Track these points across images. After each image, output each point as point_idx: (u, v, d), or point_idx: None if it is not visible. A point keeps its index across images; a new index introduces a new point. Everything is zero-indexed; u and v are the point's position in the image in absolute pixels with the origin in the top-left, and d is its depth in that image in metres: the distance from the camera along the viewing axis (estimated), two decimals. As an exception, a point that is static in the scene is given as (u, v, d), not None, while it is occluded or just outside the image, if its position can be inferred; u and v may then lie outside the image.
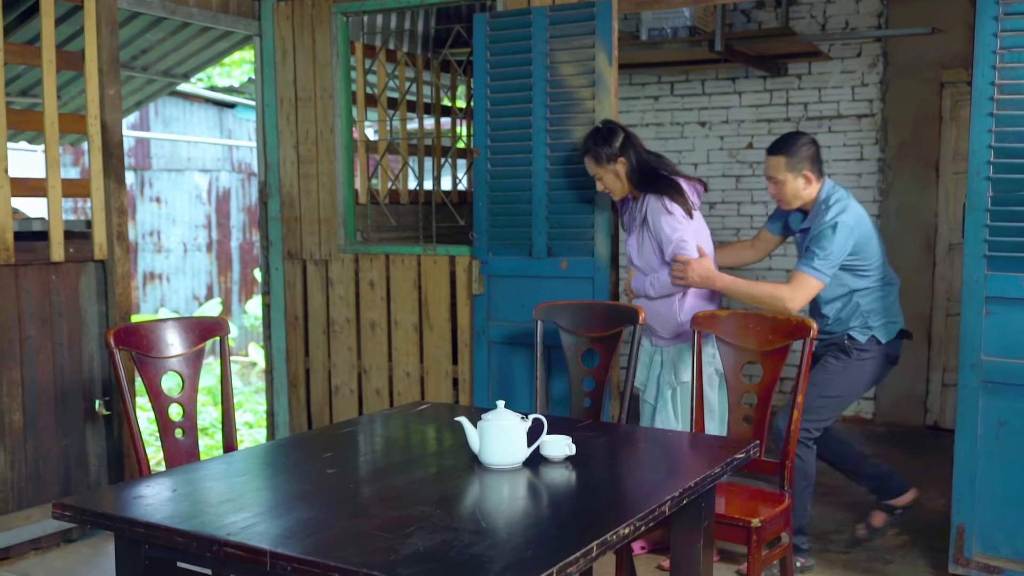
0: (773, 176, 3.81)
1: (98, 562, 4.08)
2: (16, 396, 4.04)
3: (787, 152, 3.76)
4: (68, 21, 5.29)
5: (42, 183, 4.11)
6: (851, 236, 3.69)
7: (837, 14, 6.40)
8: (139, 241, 10.96)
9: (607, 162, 3.90)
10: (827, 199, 3.76)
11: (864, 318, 3.84)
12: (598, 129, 3.96)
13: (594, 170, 3.95)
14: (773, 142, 3.85)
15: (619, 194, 3.98)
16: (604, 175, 3.93)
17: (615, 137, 3.89)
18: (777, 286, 3.75)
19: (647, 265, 3.90)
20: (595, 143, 3.91)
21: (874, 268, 3.83)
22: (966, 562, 3.69)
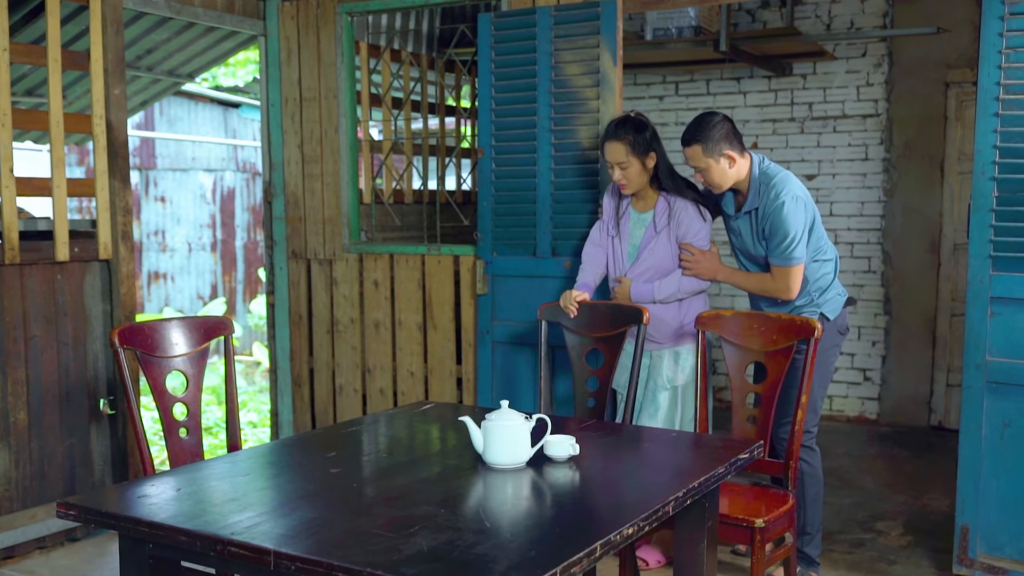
0: (695, 166, 3.63)
1: (102, 561, 4.09)
2: (21, 395, 4.05)
3: (700, 138, 3.58)
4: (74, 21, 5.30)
5: (47, 182, 4.12)
6: (806, 207, 3.60)
7: (842, 14, 6.40)
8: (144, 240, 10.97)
9: (642, 152, 3.74)
10: (763, 175, 3.63)
11: (811, 297, 3.71)
12: (630, 117, 3.79)
13: (623, 158, 3.73)
14: (684, 132, 3.65)
15: (635, 188, 3.79)
16: (631, 165, 3.74)
17: (648, 128, 3.78)
18: (765, 277, 3.67)
19: (657, 266, 3.79)
20: (634, 130, 3.73)
21: (816, 243, 3.70)
22: (970, 563, 3.68)
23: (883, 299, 6.40)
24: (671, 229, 3.78)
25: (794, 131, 6.61)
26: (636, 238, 3.87)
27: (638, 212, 3.88)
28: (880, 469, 5.41)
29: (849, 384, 6.55)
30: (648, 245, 3.81)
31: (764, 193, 3.60)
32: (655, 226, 3.80)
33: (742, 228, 3.72)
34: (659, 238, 3.79)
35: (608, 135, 3.79)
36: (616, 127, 3.77)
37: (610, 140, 3.77)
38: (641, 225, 3.86)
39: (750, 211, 3.66)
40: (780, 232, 3.54)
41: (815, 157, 6.56)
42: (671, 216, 3.77)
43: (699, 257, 3.73)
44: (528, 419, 2.52)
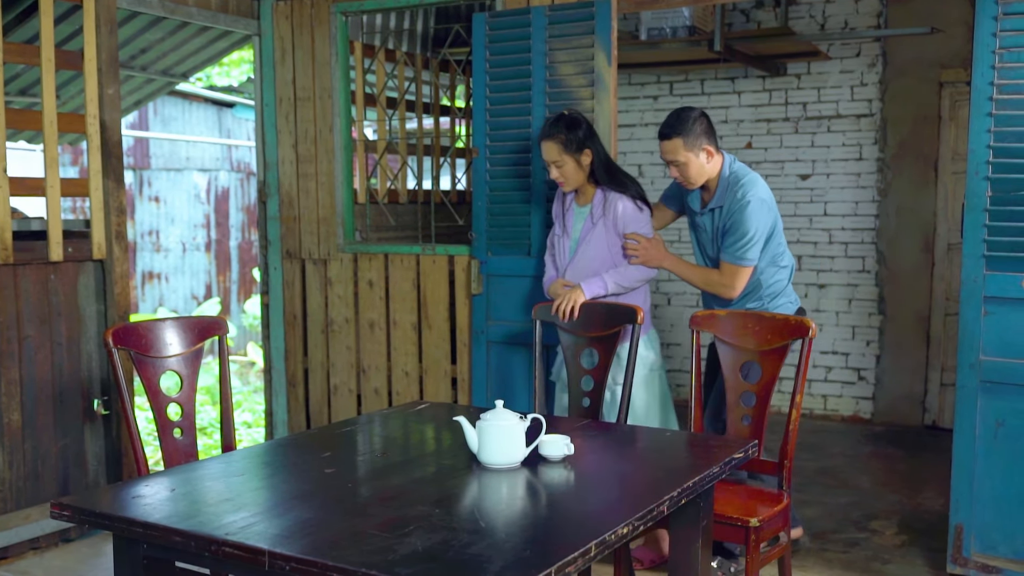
0: (674, 160, 3.67)
1: (97, 562, 4.08)
2: (15, 395, 4.04)
3: (682, 132, 3.62)
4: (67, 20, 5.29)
5: (41, 182, 4.11)
6: (770, 211, 3.64)
7: (836, 14, 6.41)
8: (138, 240, 10.96)
9: (575, 150, 3.78)
10: (733, 175, 3.67)
11: (763, 301, 3.76)
12: (564, 115, 3.82)
13: (557, 156, 3.78)
14: (663, 125, 3.69)
15: (574, 185, 3.84)
16: (566, 163, 3.79)
17: (582, 126, 3.79)
18: (711, 273, 3.73)
19: (594, 257, 3.82)
20: (566, 128, 3.77)
21: (775, 249, 3.75)
22: (964, 562, 3.69)
23: (877, 299, 6.41)
24: (607, 220, 3.80)
25: (788, 131, 6.62)
26: (577, 231, 3.92)
27: (579, 206, 3.93)
28: (874, 468, 5.42)
29: (843, 384, 6.56)
30: (586, 237, 3.85)
31: (731, 192, 3.64)
32: (592, 218, 3.84)
33: (705, 224, 3.78)
34: (595, 229, 3.82)
35: (542, 134, 3.83)
36: (549, 126, 3.81)
37: (543, 139, 3.81)
38: (581, 218, 3.91)
39: (714, 208, 3.71)
40: (739, 230, 3.60)
41: (809, 157, 6.57)
42: (606, 207, 3.80)
43: (645, 244, 3.75)
44: (523, 419, 2.52)
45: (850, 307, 6.51)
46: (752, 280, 3.75)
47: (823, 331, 6.54)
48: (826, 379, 6.60)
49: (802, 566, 3.94)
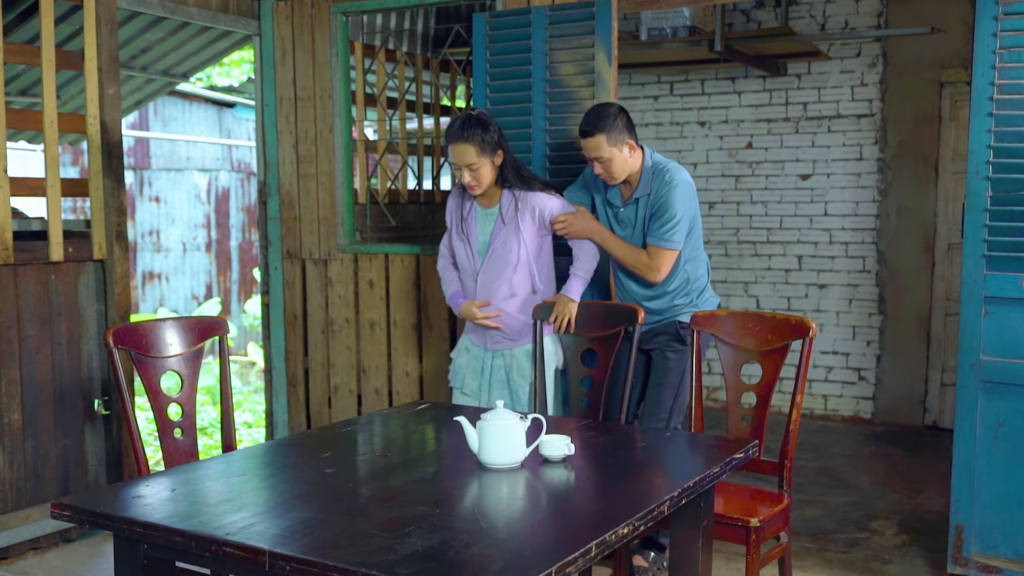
0: (597, 156, 3.62)
1: (97, 562, 4.08)
2: (15, 396, 4.04)
3: (604, 128, 3.59)
4: (67, 20, 5.29)
5: (41, 182, 4.11)
6: (694, 198, 3.67)
7: (836, 14, 6.41)
8: (138, 241, 10.96)
9: (491, 152, 3.60)
10: (656, 164, 3.69)
11: (691, 296, 3.78)
12: (473, 116, 3.61)
13: (473, 159, 3.56)
14: (584, 123, 3.63)
15: (485, 188, 3.65)
16: (483, 166, 3.59)
17: (494, 126, 3.63)
18: (641, 253, 3.69)
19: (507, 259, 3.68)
20: (482, 129, 3.57)
21: (696, 242, 3.77)
22: (965, 562, 3.69)
23: (877, 299, 6.41)
24: (522, 219, 3.67)
25: (788, 131, 6.62)
26: (485, 234, 3.75)
27: (483, 208, 3.77)
28: (875, 468, 5.42)
29: (844, 384, 6.56)
30: (498, 238, 3.70)
31: (657, 178, 3.66)
32: (502, 218, 3.70)
33: (629, 217, 3.76)
34: (507, 229, 3.69)
35: (454, 136, 3.59)
36: (462, 127, 3.58)
37: (456, 141, 3.58)
38: (489, 220, 3.75)
39: (639, 198, 3.71)
40: (667, 213, 3.61)
41: (809, 157, 6.57)
42: (519, 206, 3.67)
43: (571, 218, 3.68)
44: (523, 419, 2.52)
45: (850, 307, 6.51)
46: (679, 275, 3.75)
47: (823, 331, 6.54)
48: (826, 379, 6.60)
49: (802, 566, 3.94)
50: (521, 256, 3.70)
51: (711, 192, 6.90)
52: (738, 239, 6.84)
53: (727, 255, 6.87)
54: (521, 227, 3.67)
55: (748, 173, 6.78)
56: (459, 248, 3.81)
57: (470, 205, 3.79)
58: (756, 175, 6.73)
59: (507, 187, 3.70)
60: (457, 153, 3.59)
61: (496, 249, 3.71)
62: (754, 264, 6.80)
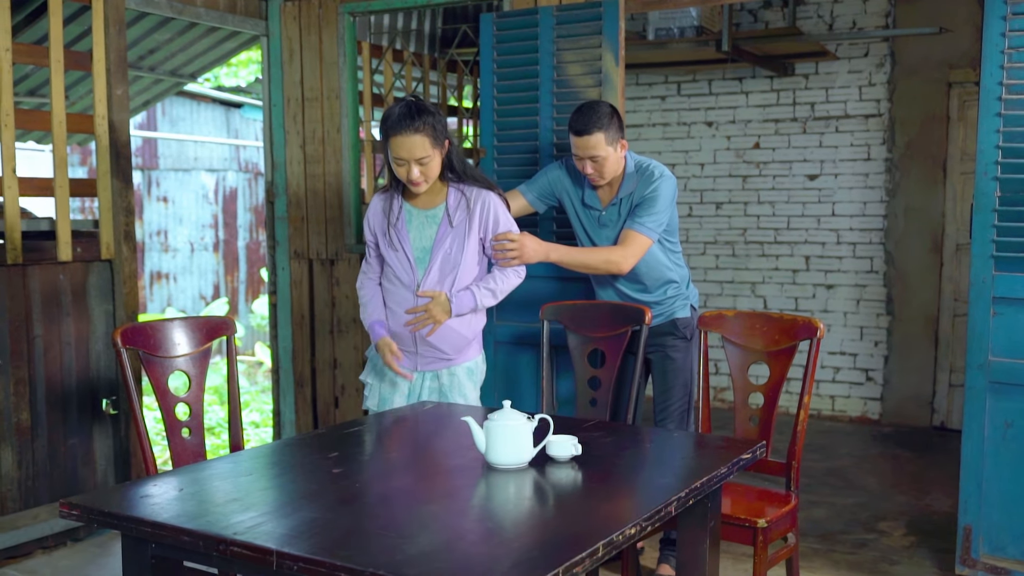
0: (593, 155, 3.51)
1: (105, 561, 4.09)
2: (24, 395, 4.06)
3: (602, 127, 3.48)
4: (76, 21, 5.31)
5: (50, 183, 4.12)
6: (674, 193, 3.62)
7: (844, 14, 6.39)
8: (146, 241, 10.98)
9: (441, 142, 3.14)
10: (639, 164, 3.63)
11: (680, 289, 3.76)
12: (416, 103, 3.11)
13: (427, 150, 3.09)
14: (578, 121, 3.50)
15: (430, 184, 3.21)
16: (434, 158, 3.13)
17: (437, 112, 3.15)
18: (610, 250, 3.57)
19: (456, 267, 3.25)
20: (431, 116, 3.10)
21: (675, 237, 3.73)
22: (973, 563, 3.68)
23: (885, 299, 6.40)
24: (472, 221, 3.23)
25: (796, 131, 6.61)
26: (425, 240, 3.27)
27: (421, 210, 3.28)
28: (882, 469, 5.41)
29: (851, 384, 6.55)
30: (443, 244, 3.23)
31: (641, 179, 3.60)
32: (449, 220, 3.22)
33: (611, 218, 3.69)
34: (455, 233, 3.23)
35: (402, 127, 3.07)
36: (411, 116, 3.07)
37: (405, 132, 3.07)
38: (430, 223, 3.27)
39: (622, 199, 3.64)
40: (653, 205, 3.54)
41: (817, 157, 6.56)
42: (470, 206, 3.23)
43: (522, 241, 3.30)
44: (530, 419, 2.52)
45: (858, 308, 6.50)
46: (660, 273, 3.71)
47: (831, 331, 6.53)
48: (834, 380, 6.59)
49: (809, 567, 3.93)
50: (470, 264, 3.27)
51: (718, 192, 6.89)
52: (745, 239, 6.83)
53: (734, 255, 6.87)
54: (470, 230, 3.24)
55: (755, 173, 6.76)
56: (391, 258, 3.29)
57: (399, 208, 3.29)
58: (763, 175, 6.72)
59: (453, 183, 3.25)
60: (406, 146, 3.08)
61: (440, 258, 3.24)
62: (761, 264, 6.79)
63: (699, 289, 3.92)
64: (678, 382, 3.73)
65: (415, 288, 3.27)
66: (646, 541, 4.08)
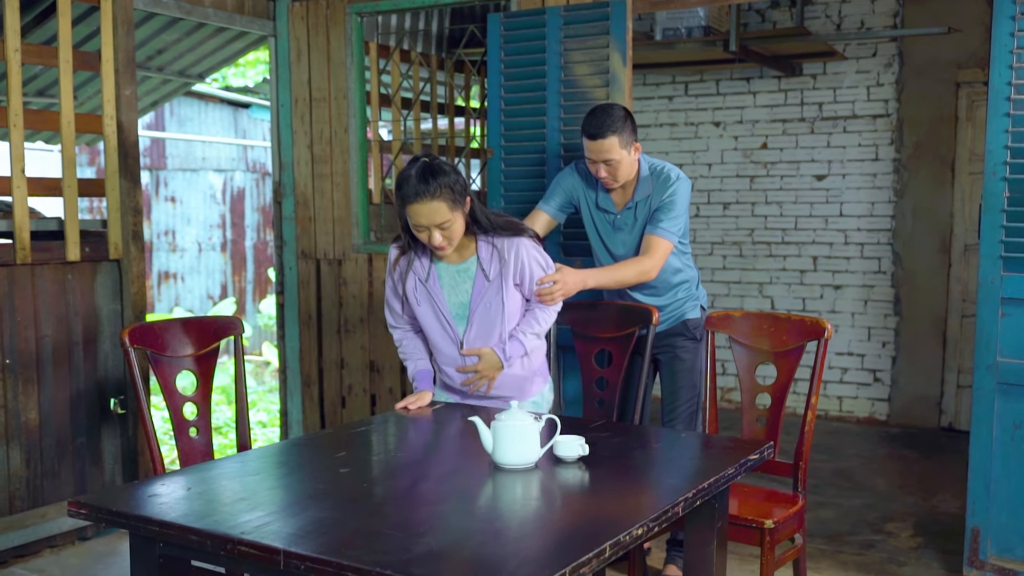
0: (608, 159, 3.48)
1: (113, 560, 4.10)
2: (32, 394, 4.07)
3: (616, 130, 3.45)
4: (85, 22, 5.32)
5: (58, 183, 4.14)
6: (690, 195, 3.62)
7: (852, 14, 6.38)
8: (154, 240, 11.01)
9: (461, 202, 2.97)
10: (653, 167, 3.61)
11: (690, 290, 3.75)
12: (430, 164, 2.94)
13: (446, 215, 2.93)
14: (592, 124, 3.47)
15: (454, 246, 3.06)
16: (456, 221, 2.97)
17: (452, 170, 2.97)
18: (638, 261, 3.53)
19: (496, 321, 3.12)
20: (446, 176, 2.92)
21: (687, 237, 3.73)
22: (981, 564, 3.67)
23: (893, 300, 6.38)
24: (507, 273, 3.09)
25: (804, 131, 6.60)
26: (461, 295, 3.14)
27: (452, 264, 3.14)
28: (890, 470, 5.40)
29: (859, 385, 6.54)
30: (482, 299, 3.11)
31: (658, 182, 3.59)
32: (484, 275, 3.10)
33: (627, 222, 3.68)
34: (492, 287, 3.10)
35: (418, 194, 2.90)
36: (425, 180, 2.90)
37: (422, 199, 2.90)
38: (463, 278, 3.14)
39: (639, 201, 3.62)
40: (672, 209, 3.54)
41: (825, 157, 6.54)
42: (505, 259, 3.09)
43: (559, 278, 3.18)
44: (538, 419, 2.52)
45: (866, 308, 6.49)
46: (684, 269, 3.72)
47: (839, 332, 6.51)
48: (841, 380, 6.58)
49: (817, 568, 3.93)
50: (512, 313, 3.15)
51: (726, 192, 6.88)
52: (753, 240, 6.82)
53: (742, 256, 6.86)
54: (507, 282, 3.10)
55: (763, 174, 6.75)
56: (425, 317, 3.17)
57: (428, 265, 3.14)
58: (771, 175, 6.71)
59: (482, 236, 3.10)
60: (424, 213, 2.92)
61: (480, 312, 3.12)
62: (769, 265, 6.78)
63: (706, 290, 3.91)
64: (687, 383, 3.72)
65: (458, 344, 3.17)
66: (653, 542, 4.08)
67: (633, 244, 3.69)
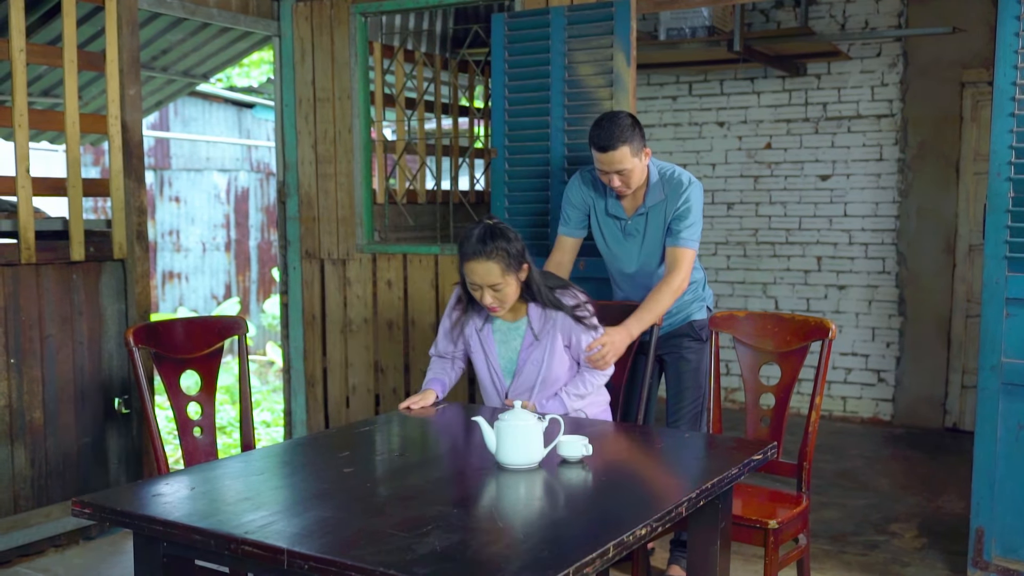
0: (620, 169, 3.46)
1: (117, 560, 4.10)
2: (37, 394, 4.08)
3: (627, 139, 3.42)
4: (89, 22, 5.33)
5: (63, 182, 4.14)
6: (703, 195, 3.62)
7: (856, 13, 6.37)
8: (158, 240, 11.02)
9: (516, 267, 3.06)
10: (662, 171, 3.60)
11: (696, 291, 3.75)
12: (492, 226, 3.06)
13: (497, 278, 3.03)
14: (601, 136, 3.44)
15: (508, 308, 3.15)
16: (509, 284, 3.06)
17: (514, 236, 3.08)
18: (668, 282, 3.49)
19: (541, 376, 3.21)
20: (505, 241, 3.03)
21: None
22: (985, 565, 3.66)
23: (897, 300, 6.38)
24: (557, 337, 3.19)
25: (808, 131, 6.59)
26: (511, 351, 3.26)
27: (505, 322, 3.27)
28: (894, 471, 5.39)
29: (863, 385, 6.53)
30: (529, 356, 3.22)
31: (671, 184, 3.58)
32: (533, 334, 3.21)
33: (638, 228, 3.66)
34: (540, 346, 3.20)
35: (474, 252, 3.02)
36: (483, 241, 3.02)
37: (476, 258, 3.01)
38: (513, 335, 3.26)
39: (652, 206, 3.60)
40: (690, 215, 3.54)
41: (829, 157, 6.54)
42: (548, 324, 3.20)
43: (611, 340, 3.26)
44: (541, 419, 2.52)
45: (870, 308, 6.48)
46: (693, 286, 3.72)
47: (843, 332, 6.51)
48: (845, 381, 6.57)
49: (821, 569, 3.92)
50: (559, 374, 3.24)
51: (730, 193, 6.87)
52: (757, 240, 6.81)
53: (746, 256, 6.85)
54: (554, 345, 3.20)
55: (767, 174, 6.75)
56: (478, 364, 3.31)
57: (485, 316, 3.27)
58: (775, 176, 6.71)
59: (534, 302, 3.20)
60: (479, 272, 3.02)
61: (527, 368, 3.22)
62: (773, 265, 6.77)
63: (711, 290, 3.90)
64: (692, 384, 3.72)
65: (503, 395, 3.28)
66: (657, 542, 4.08)
67: (641, 251, 3.68)
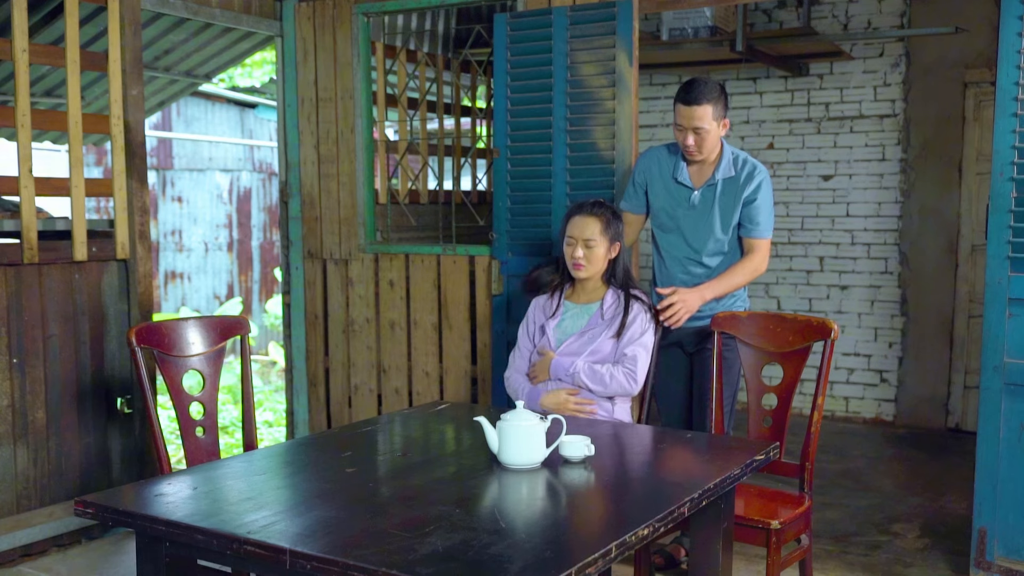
0: (699, 127, 3.55)
1: (119, 559, 4.11)
2: (39, 394, 4.08)
3: (712, 100, 3.54)
4: (92, 22, 5.33)
5: (65, 182, 4.15)
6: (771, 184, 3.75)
7: (859, 13, 6.37)
8: (161, 240, 11.03)
9: (612, 238, 3.45)
10: (735, 153, 3.70)
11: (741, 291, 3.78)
12: (604, 202, 3.51)
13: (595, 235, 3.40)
14: (689, 91, 3.56)
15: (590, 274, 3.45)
16: (599, 246, 3.42)
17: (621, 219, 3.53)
18: (744, 264, 3.64)
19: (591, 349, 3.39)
20: (613, 213, 3.47)
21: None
22: (988, 565, 3.66)
23: (900, 300, 6.37)
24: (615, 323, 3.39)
25: (811, 131, 6.59)
26: (574, 327, 3.47)
27: (576, 304, 3.52)
28: (897, 471, 5.39)
29: (865, 386, 6.52)
30: (591, 329, 3.42)
31: (744, 169, 3.66)
32: (602, 315, 3.42)
33: (703, 198, 3.70)
34: (602, 326, 3.41)
35: (581, 210, 3.46)
36: (593, 204, 3.46)
37: (584, 214, 3.43)
38: (583, 316, 3.48)
39: (720, 180, 3.67)
40: (765, 207, 3.65)
41: (832, 158, 6.53)
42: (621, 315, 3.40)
43: (678, 297, 3.48)
44: (543, 419, 2.52)
45: (872, 308, 6.47)
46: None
47: (845, 332, 6.50)
48: (848, 381, 6.57)
49: (823, 569, 3.92)
50: (603, 352, 3.40)
51: (732, 193, 6.87)
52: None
53: (748, 256, 6.84)
54: (611, 328, 3.39)
55: (769, 174, 6.73)
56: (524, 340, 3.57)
57: (558, 302, 3.52)
58: (778, 176, 6.70)
59: (614, 286, 3.47)
60: (579, 225, 3.41)
61: (585, 338, 3.42)
62: (775, 265, 6.77)
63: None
64: (725, 381, 3.67)
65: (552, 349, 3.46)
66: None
67: (700, 225, 3.70)
